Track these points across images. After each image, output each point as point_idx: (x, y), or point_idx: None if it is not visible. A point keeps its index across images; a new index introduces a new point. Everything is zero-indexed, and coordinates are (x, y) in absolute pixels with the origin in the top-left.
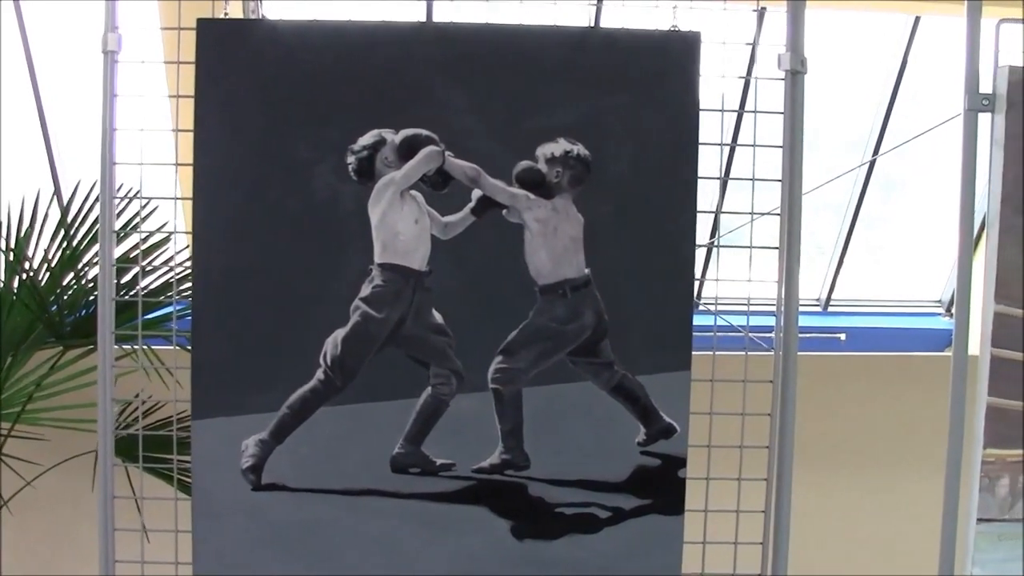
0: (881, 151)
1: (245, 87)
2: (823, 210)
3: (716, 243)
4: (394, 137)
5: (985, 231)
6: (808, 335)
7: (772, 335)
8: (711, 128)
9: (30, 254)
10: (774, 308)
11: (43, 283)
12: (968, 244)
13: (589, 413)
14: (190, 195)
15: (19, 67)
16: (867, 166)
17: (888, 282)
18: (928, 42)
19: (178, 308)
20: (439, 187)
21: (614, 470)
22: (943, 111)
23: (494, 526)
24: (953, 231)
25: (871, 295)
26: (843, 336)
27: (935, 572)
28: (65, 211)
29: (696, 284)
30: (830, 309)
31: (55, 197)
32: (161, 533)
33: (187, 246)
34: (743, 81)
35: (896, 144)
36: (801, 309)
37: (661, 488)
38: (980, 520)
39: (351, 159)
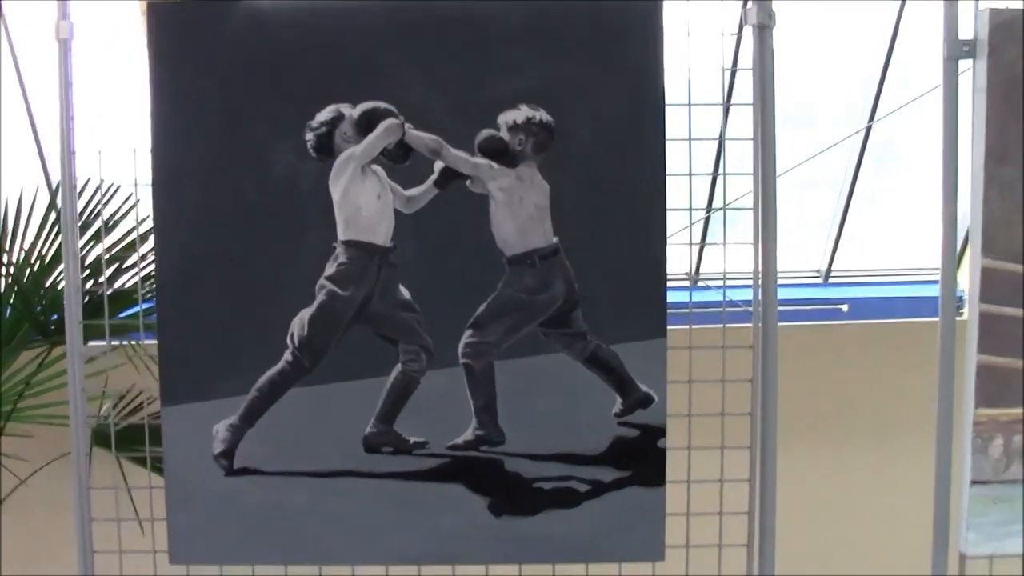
0: (875, 119)
1: (198, 70)
2: (822, 184)
3: (689, 207)
4: (352, 111)
5: (971, 183)
6: (801, 307)
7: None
8: (699, 90)
9: (19, 251)
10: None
11: (27, 281)
12: (952, 197)
13: (564, 385)
14: None
15: (4, 61)
16: (863, 136)
17: (890, 251)
18: (923, 9)
19: (150, 300)
20: (400, 160)
21: (591, 442)
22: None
23: (471, 503)
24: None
25: (873, 265)
26: (845, 307)
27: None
28: (50, 205)
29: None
30: (831, 280)
31: (49, 192)
32: (143, 521)
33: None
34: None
35: (889, 111)
36: (802, 281)
37: (641, 459)
38: (974, 483)
39: (309, 136)
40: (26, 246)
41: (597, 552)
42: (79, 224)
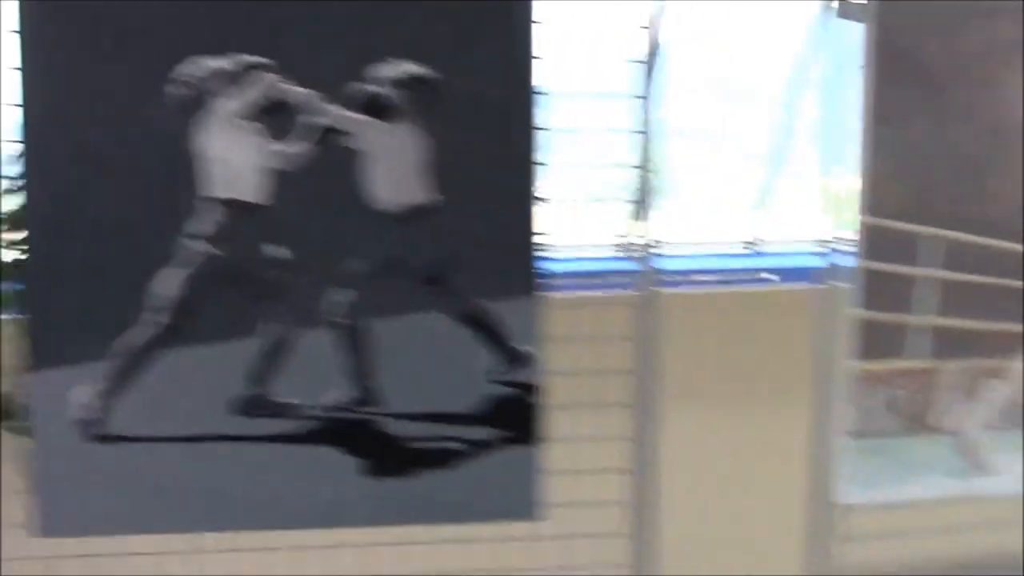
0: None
1: (68, 20)
2: (754, 158)
3: (573, 167)
4: (225, 65)
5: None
6: (724, 278)
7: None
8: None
9: None
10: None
11: None
12: (831, 158)
13: (439, 343)
14: None
15: None
16: (792, 109)
17: (819, 220)
18: None
19: None
20: (274, 115)
21: (468, 402)
22: None
23: (346, 466)
24: None
25: (802, 234)
26: (772, 276)
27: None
28: None
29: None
30: (757, 249)
31: None
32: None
33: None
34: None
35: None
36: (730, 251)
37: (519, 418)
38: (851, 434)
39: (180, 90)
40: None
41: (477, 512)
42: None
